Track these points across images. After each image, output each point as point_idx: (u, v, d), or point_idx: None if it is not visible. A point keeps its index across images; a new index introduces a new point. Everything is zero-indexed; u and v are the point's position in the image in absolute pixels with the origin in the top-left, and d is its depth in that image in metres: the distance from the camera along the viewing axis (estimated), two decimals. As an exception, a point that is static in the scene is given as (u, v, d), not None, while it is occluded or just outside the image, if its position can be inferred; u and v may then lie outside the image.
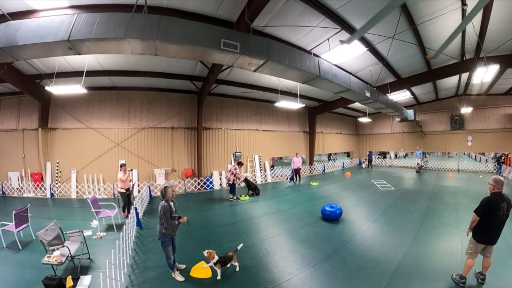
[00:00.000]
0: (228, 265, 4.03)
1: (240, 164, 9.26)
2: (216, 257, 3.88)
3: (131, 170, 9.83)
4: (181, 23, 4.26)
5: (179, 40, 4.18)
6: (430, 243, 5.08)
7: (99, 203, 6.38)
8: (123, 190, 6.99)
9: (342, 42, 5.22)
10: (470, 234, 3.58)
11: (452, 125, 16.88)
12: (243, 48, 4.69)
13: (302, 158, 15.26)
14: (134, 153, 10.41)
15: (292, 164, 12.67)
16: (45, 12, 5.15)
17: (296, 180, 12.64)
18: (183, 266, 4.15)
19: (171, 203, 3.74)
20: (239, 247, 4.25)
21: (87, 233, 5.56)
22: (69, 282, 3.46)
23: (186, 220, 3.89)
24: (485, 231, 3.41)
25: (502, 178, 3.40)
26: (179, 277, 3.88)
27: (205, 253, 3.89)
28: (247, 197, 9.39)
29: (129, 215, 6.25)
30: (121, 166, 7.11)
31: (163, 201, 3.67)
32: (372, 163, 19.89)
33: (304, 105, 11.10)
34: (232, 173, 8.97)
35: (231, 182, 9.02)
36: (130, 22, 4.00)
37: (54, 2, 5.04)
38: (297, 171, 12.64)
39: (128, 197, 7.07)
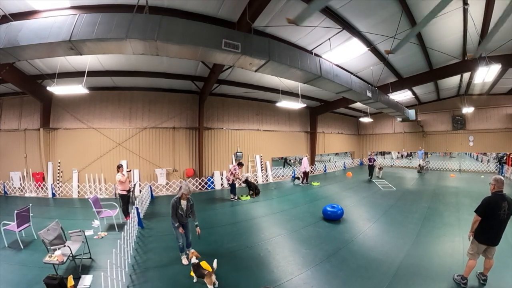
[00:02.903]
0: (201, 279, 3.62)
1: (240, 164, 9.27)
2: (194, 260, 3.82)
3: (130, 170, 9.83)
4: (182, 23, 4.27)
5: (180, 40, 4.20)
6: (432, 243, 5.07)
7: (101, 203, 6.39)
8: (124, 192, 6.62)
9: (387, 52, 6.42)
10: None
11: (454, 125, 16.82)
12: (244, 48, 4.70)
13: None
14: (136, 153, 10.44)
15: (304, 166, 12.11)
16: (46, 13, 5.18)
17: (303, 181, 12.31)
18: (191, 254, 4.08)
19: (184, 201, 4.21)
20: (214, 264, 3.67)
21: (88, 232, 5.58)
22: (70, 281, 3.46)
23: (198, 233, 4.28)
24: (486, 231, 3.39)
25: (502, 178, 3.39)
26: (184, 261, 4.28)
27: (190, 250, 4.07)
28: (248, 197, 9.39)
29: (130, 215, 6.22)
30: (118, 167, 6.64)
31: (176, 196, 4.18)
32: (376, 168, 14.14)
33: (305, 105, 11.09)
34: (232, 173, 8.99)
35: (230, 182, 9.05)
36: (131, 23, 4.02)
37: (56, 2, 5.06)
38: (305, 174, 12.20)
39: (129, 199, 6.84)
